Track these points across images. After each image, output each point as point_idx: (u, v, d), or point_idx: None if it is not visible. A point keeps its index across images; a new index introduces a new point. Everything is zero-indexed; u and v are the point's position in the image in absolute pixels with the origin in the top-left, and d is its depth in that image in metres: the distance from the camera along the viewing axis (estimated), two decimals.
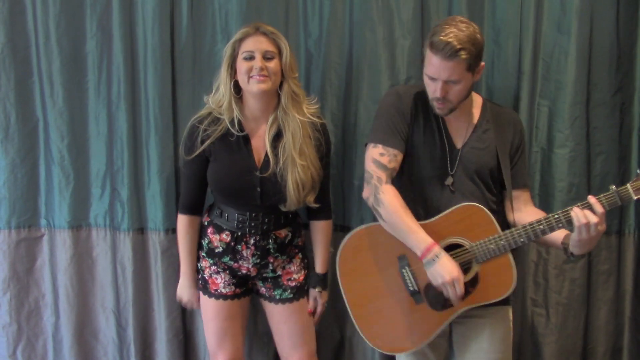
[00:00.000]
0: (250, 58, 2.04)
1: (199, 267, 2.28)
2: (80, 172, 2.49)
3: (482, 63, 1.95)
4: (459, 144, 2.05)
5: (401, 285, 2.05)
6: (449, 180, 2.03)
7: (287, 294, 2.22)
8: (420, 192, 2.06)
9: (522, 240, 1.92)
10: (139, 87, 2.43)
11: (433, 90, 1.95)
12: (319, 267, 2.29)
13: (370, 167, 2.04)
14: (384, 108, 2.08)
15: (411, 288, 2.03)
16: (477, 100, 2.12)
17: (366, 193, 2.05)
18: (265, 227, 2.16)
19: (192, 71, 2.41)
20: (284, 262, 2.23)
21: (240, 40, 2.07)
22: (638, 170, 1.79)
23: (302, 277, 2.26)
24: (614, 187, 1.82)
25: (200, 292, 2.29)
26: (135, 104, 2.44)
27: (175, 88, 2.42)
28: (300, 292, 2.25)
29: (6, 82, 2.43)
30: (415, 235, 1.96)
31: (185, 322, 2.56)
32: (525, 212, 2.09)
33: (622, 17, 2.34)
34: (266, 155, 2.11)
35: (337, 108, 2.45)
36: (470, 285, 1.97)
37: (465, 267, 1.96)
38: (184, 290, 2.32)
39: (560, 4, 2.33)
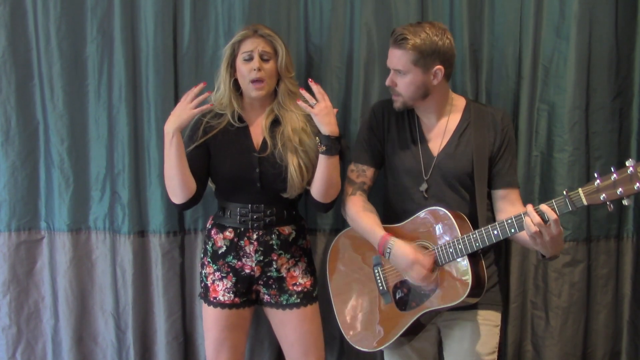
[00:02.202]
0: (250, 58, 2.12)
1: (203, 273, 2.28)
2: (79, 175, 2.49)
3: (439, 66, 1.96)
4: (435, 150, 2.06)
5: (374, 285, 2.13)
6: (423, 187, 2.05)
7: (294, 299, 2.21)
8: (401, 201, 2.10)
9: (477, 244, 1.86)
10: (141, 91, 2.43)
11: None
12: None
13: (344, 184, 2.16)
14: (360, 127, 2.23)
15: (381, 288, 2.11)
16: (459, 103, 2.10)
17: (342, 209, 2.18)
18: (267, 220, 2.19)
19: (194, 75, 2.41)
20: (289, 264, 2.23)
21: (240, 42, 2.15)
22: (595, 175, 1.67)
23: (308, 283, 2.24)
24: (565, 191, 1.72)
25: (202, 300, 2.29)
26: (136, 107, 2.44)
27: (177, 92, 2.42)
28: (307, 298, 2.23)
29: (7, 85, 2.43)
30: (372, 233, 2.05)
31: (185, 325, 2.55)
32: (509, 212, 1.96)
33: (621, 22, 2.35)
34: (264, 139, 2.18)
35: (338, 112, 2.44)
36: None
37: None
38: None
39: (560, 9, 2.34)
